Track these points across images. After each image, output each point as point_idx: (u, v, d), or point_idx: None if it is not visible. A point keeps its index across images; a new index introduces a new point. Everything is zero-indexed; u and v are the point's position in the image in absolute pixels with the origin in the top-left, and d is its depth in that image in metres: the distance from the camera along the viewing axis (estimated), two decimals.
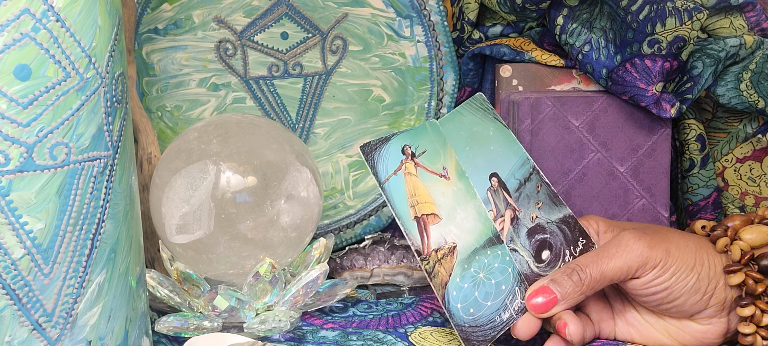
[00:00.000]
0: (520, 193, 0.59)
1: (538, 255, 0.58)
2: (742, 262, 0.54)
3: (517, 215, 0.58)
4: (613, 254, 0.55)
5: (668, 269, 0.54)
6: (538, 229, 0.58)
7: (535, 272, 0.57)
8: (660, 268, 0.54)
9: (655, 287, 0.55)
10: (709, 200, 0.73)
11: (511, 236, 0.58)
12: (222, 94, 0.76)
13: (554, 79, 0.73)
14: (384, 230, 0.79)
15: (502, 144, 0.60)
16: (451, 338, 0.60)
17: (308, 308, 0.63)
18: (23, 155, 0.43)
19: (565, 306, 0.55)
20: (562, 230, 0.59)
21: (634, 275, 0.55)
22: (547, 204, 0.59)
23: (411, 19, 0.76)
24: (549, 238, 0.58)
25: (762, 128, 0.71)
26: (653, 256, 0.54)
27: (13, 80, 0.42)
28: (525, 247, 0.58)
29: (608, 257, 0.55)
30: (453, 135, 0.60)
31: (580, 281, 0.55)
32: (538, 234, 0.58)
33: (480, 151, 0.60)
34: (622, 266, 0.54)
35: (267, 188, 0.61)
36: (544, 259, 0.58)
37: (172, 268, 0.62)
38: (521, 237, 0.58)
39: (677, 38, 0.66)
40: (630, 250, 0.55)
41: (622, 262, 0.54)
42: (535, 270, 0.57)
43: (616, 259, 0.55)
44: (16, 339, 0.45)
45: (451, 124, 0.61)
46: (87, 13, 0.44)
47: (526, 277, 0.57)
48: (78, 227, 0.45)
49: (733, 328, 0.56)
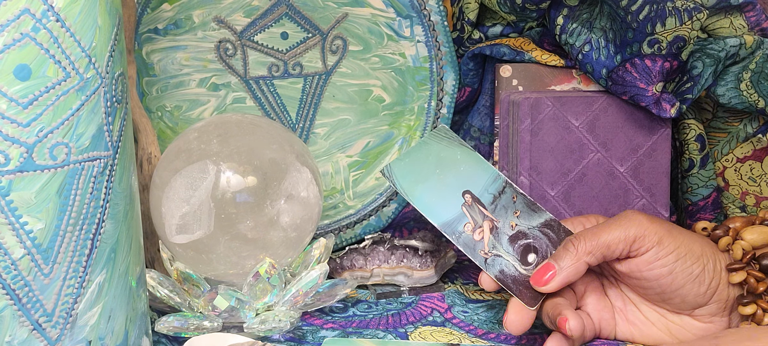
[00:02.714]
0: (496, 205, 0.61)
1: (523, 259, 0.59)
2: (743, 261, 0.55)
3: (495, 225, 0.61)
4: (611, 225, 0.56)
5: (670, 250, 0.54)
6: (520, 235, 0.60)
7: (524, 274, 0.59)
8: (661, 247, 0.54)
9: (659, 268, 0.54)
10: (708, 200, 0.73)
11: (492, 244, 0.60)
12: (222, 94, 0.76)
13: (554, 79, 0.73)
14: (384, 230, 0.79)
15: (471, 164, 0.63)
16: (450, 338, 0.60)
17: (308, 308, 0.63)
18: (23, 155, 0.43)
19: (564, 277, 0.56)
20: (545, 234, 0.60)
21: (632, 248, 0.55)
22: (525, 212, 0.61)
23: (411, 19, 0.76)
24: (533, 242, 0.60)
25: (762, 128, 0.71)
26: (652, 229, 0.54)
27: (13, 80, 0.42)
28: (508, 252, 0.60)
29: (607, 227, 0.56)
30: (421, 161, 0.63)
31: (575, 249, 0.56)
32: (521, 240, 0.60)
33: (450, 173, 0.63)
34: (619, 235, 0.55)
35: (267, 188, 0.61)
36: (531, 262, 0.59)
37: (172, 268, 0.62)
38: (503, 244, 0.60)
39: (677, 38, 0.66)
40: (628, 220, 0.55)
41: (619, 231, 0.55)
42: (523, 272, 0.59)
43: (613, 228, 0.55)
44: (16, 339, 0.45)
45: (419, 153, 0.64)
46: (87, 13, 0.44)
47: (515, 279, 0.59)
48: (78, 227, 0.45)
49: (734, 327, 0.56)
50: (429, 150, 0.64)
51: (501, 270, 0.59)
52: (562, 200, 0.71)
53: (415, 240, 0.71)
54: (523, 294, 0.58)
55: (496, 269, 0.59)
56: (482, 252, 0.59)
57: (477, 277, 0.73)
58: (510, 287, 0.58)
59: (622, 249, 0.55)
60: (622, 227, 0.55)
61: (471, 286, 0.71)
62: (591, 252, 0.55)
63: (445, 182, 0.62)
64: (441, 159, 0.63)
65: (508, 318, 0.56)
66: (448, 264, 0.72)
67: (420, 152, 0.64)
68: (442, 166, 0.63)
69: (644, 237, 0.54)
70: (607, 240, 0.55)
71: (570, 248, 0.56)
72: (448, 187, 0.62)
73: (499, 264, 0.59)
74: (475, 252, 0.59)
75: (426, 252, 0.70)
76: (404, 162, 0.63)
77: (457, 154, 0.63)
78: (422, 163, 0.63)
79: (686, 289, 0.55)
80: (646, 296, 0.57)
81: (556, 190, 0.71)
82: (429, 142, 0.64)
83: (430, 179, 0.62)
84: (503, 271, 0.59)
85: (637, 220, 0.55)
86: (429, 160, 0.63)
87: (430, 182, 0.62)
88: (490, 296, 0.69)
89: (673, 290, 0.55)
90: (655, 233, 0.54)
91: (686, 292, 0.55)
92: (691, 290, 0.55)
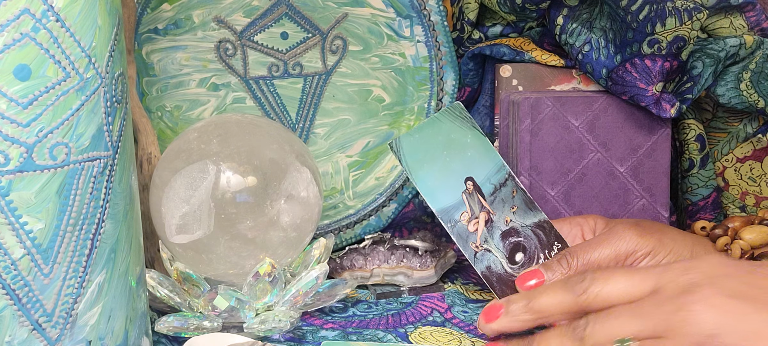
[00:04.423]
0: (495, 197, 0.61)
1: (511, 257, 0.59)
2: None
3: (491, 217, 0.60)
4: (602, 242, 0.56)
5: (661, 259, 0.54)
6: (512, 232, 0.60)
7: (509, 273, 0.59)
8: (652, 256, 0.55)
9: None
10: (708, 200, 0.73)
11: (484, 237, 0.60)
12: (222, 94, 0.76)
13: (554, 79, 0.73)
14: (384, 230, 0.79)
15: (480, 150, 0.62)
16: (450, 338, 0.60)
17: (308, 308, 0.63)
18: (23, 155, 0.43)
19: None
20: (536, 235, 0.61)
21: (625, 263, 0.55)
22: (522, 209, 0.61)
23: (411, 19, 0.76)
24: (523, 241, 0.60)
25: (762, 128, 0.71)
26: (643, 243, 0.55)
27: (13, 80, 0.42)
28: (498, 248, 0.60)
29: (598, 245, 0.56)
30: (431, 140, 0.62)
31: (568, 265, 0.56)
32: (512, 237, 0.60)
33: (457, 156, 0.62)
34: (610, 253, 0.55)
35: (267, 188, 0.61)
36: (518, 261, 0.59)
37: (172, 268, 0.62)
38: (495, 239, 0.60)
39: (677, 38, 0.66)
40: (619, 238, 0.56)
41: (610, 249, 0.55)
42: (509, 271, 0.59)
43: (605, 246, 0.56)
44: (16, 339, 0.45)
45: (430, 129, 0.63)
46: (87, 13, 0.44)
47: (500, 277, 0.59)
48: (78, 227, 0.45)
49: None
50: (440, 128, 0.62)
51: (488, 266, 0.59)
52: (562, 200, 0.71)
53: (415, 240, 0.71)
54: (504, 294, 0.58)
55: (484, 264, 0.59)
56: (473, 245, 0.59)
57: (477, 278, 0.73)
58: (493, 286, 0.58)
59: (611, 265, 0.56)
60: (612, 245, 0.56)
61: (471, 286, 0.71)
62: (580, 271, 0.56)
63: (450, 166, 0.61)
64: (450, 140, 0.62)
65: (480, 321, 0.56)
66: (448, 264, 0.72)
67: (430, 129, 0.62)
68: (450, 148, 0.62)
69: (635, 252, 0.55)
70: (597, 259, 0.56)
71: (563, 263, 0.57)
72: (452, 172, 0.61)
73: (488, 260, 0.59)
74: (467, 244, 0.59)
75: (426, 252, 0.70)
76: (413, 138, 0.62)
77: (467, 137, 0.62)
78: (431, 141, 0.62)
79: None
80: None
81: (556, 190, 0.71)
82: (441, 120, 0.63)
83: (436, 160, 0.61)
84: (490, 267, 0.59)
85: (626, 236, 0.56)
86: (438, 139, 0.62)
87: (436, 163, 0.61)
88: (490, 296, 0.69)
89: None
90: (645, 245, 0.55)
91: None
92: None
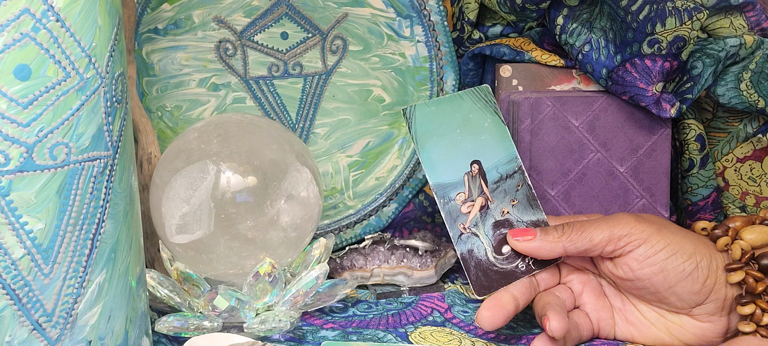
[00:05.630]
0: (498, 186, 0.61)
1: (498, 248, 0.59)
2: (742, 261, 0.55)
3: (488, 204, 0.60)
4: (600, 222, 0.57)
5: (659, 248, 0.55)
6: (506, 223, 0.60)
7: (491, 262, 0.59)
8: (649, 245, 0.55)
9: (649, 266, 0.55)
10: (708, 200, 0.73)
11: (475, 222, 0.59)
12: (222, 94, 0.76)
13: (554, 79, 0.73)
14: (384, 230, 0.79)
15: (495, 136, 0.62)
16: (450, 338, 0.60)
17: (308, 308, 0.63)
18: (23, 155, 0.43)
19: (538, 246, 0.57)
20: None
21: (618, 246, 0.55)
22: (522, 204, 0.61)
23: (411, 19, 0.76)
24: None
25: (762, 128, 0.71)
26: (639, 228, 0.55)
27: (13, 80, 0.42)
28: (487, 236, 0.59)
29: (594, 224, 0.57)
30: (448, 116, 0.61)
31: (562, 231, 0.57)
32: (505, 228, 0.60)
33: (469, 137, 0.61)
34: (605, 233, 0.56)
35: (267, 188, 0.61)
36: (504, 253, 0.59)
37: (172, 268, 0.62)
38: (486, 226, 0.60)
39: (677, 38, 0.66)
40: (617, 221, 0.56)
41: (606, 228, 0.56)
42: (492, 260, 0.59)
43: (603, 225, 0.56)
44: (16, 339, 0.45)
45: (449, 106, 0.62)
46: (87, 13, 0.44)
47: (479, 263, 0.58)
48: (78, 227, 0.45)
49: (734, 327, 0.56)
50: (459, 106, 0.62)
51: (470, 250, 0.58)
52: (562, 200, 0.71)
53: (415, 240, 0.71)
54: (477, 280, 0.57)
55: (466, 247, 0.58)
56: (461, 226, 0.59)
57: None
58: (469, 269, 0.58)
59: (606, 246, 0.56)
60: (609, 225, 0.56)
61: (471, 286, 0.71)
62: (573, 241, 0.57)
63: (460, 144, 0.60)
64: (467, 120, 0.61)
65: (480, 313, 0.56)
66: (448, 264, 0.72)
67: (449, 105, 0.61)
68: (464, 127, 0.61)
69: (630, 235, 0.55)
70: (590, 235, 0.56)
71: (557, 229, 0.58)
72: (460, 150, 0.60)
73: (471, 244, 0.59)
74: (455, 224, 0.58)
75: (426, 252, 0.70)
76: (430, 109, 0.61)
77: (485, 121, 0.62)
78: (447, 117, 0.61)
79: (680, 287, 0.55)
80: (643, 298, 0.58)
81: (556, 190, 0.71)
82: (463, 99, 0.62)
83: (446, 136, 0.60)
84: (471, 251, 0.59)
85: (624, 220, 0.56)
86: (455, 116, 0.61)
87: (446, 139, 0.60)
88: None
89: (666, 289, 0.55)
90: (641, 231, 0.55)
91: (680, 290, 0.55)
92: (684, 287, 0.55)
